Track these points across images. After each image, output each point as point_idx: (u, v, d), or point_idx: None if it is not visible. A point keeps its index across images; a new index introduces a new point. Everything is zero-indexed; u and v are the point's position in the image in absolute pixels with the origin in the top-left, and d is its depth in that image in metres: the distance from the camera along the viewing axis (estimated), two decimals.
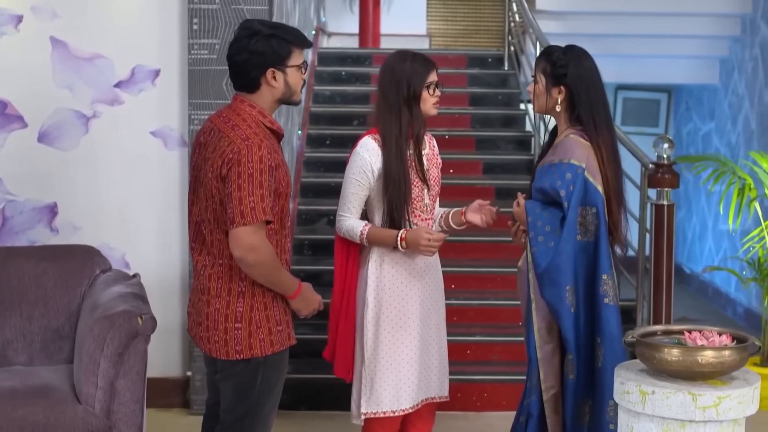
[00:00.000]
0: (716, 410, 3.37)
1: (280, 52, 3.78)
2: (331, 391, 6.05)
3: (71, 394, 4.37)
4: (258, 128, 3.76)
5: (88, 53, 5.94)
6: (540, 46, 7.78)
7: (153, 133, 6.02)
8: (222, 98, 5.82)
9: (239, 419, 3.90)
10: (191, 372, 6.00)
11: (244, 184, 3.63)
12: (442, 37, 11.66)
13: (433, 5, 11.57)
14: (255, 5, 5.82)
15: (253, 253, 3.66)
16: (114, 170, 6.00)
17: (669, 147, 6.08)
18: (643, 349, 3.52)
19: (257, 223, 3.65)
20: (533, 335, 4.02)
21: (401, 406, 4.34)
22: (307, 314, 3.95)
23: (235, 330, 3.79)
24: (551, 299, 3.94)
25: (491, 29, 11.56)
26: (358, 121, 8.62)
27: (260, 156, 3.66)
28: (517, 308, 4.42)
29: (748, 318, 8.66)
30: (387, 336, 4.33)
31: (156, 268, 5.93)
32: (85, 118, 5.96)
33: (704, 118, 10.41)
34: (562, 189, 3.95)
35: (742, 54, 9.18)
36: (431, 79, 4.25)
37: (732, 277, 9.20)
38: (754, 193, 6.68)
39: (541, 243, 3.96)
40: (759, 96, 8.70)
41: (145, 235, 6.06)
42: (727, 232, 9.45)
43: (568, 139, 4.05)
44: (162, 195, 6.05)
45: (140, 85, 5.98)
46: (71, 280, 4.94)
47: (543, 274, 3.93)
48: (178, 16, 5.96)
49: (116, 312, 4.30)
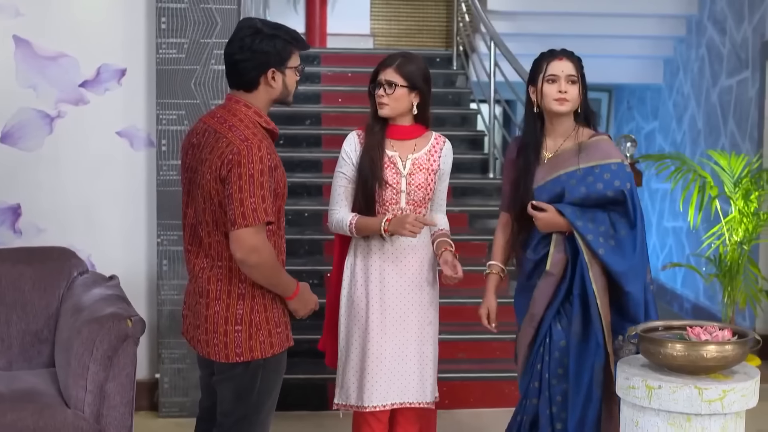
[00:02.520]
0: (721, 403, 3.44)
1: (282, 52, 3.76)
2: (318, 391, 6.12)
3: (58, 398, 4.30)
4: (255, 129, 3.73)
5: (52, 52, 5.84)
6: (495, 46, 7.85)
7: (119, 133, 5.94)
8: (191, 98, 5.77)
9: (238, 421, 3.86)
10: (159, 374, 5.94)
11: (245, 185, 3.60)
12: (385, 37, 11.68)
13: (377, 5, 11.58)
14: (224, 4, 5.77)
15: (255, 254, 3.64)
16: (79, 171, 5.92)
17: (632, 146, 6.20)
18: (647, 345, 3.58)
19: (259, 224, 3.63)
20: (601, 334, 4.05)
21: (370, 402, 4.36)
22: (304, 315, 3.93)
23: (235, 332, 3.75)
24: (637, 294, 4.04)
25: (434, 29, 11.61)
26: (310, 121, 8.61)
27: (260, 157, 3.63)
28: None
29: (696, 313, 8.81)
30: (356, 331, 4.39)
31: (122, 269, 5.85)
32: (49, 118, 5.86)
33: (647, 118, 10.57)
34: (623, 188, 4.04)
35: (688, 54, 9.34)
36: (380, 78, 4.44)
37: (678, 274, 9.35)
38: (714, 191, 6.81)
39: (604, 244, 4.03)
40: (706, 96, 8.86)
41: (111, 237, 5.98)
42: (672, 229, 9.61)
43: (601, 141, 4.13)
44: (128, 196, 5.98)
45: (106, 84, 5.90)
46: (49, 283, 4.86)
47: (628, 272, 4.02)
48: (145, 15, 5.90)
49: (105, 315, 4.25)
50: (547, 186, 4.14)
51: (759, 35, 7.80)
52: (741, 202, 6.70)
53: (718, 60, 8.63)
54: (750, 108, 7.90)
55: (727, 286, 6.71)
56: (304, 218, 7.45)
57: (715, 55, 8.69)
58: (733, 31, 8.31)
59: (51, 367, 4.76)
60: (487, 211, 7.80)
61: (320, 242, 7.23)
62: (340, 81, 9.08)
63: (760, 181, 6.77)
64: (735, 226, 6.76)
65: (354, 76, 9.10)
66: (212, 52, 5.77)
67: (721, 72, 8.54)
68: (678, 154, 7.61)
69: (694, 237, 8.85)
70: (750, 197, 6.64)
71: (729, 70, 8.39)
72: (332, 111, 8.72)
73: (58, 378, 4.52)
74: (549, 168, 4.15)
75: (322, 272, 6.98)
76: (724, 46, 8.51)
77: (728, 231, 6.83)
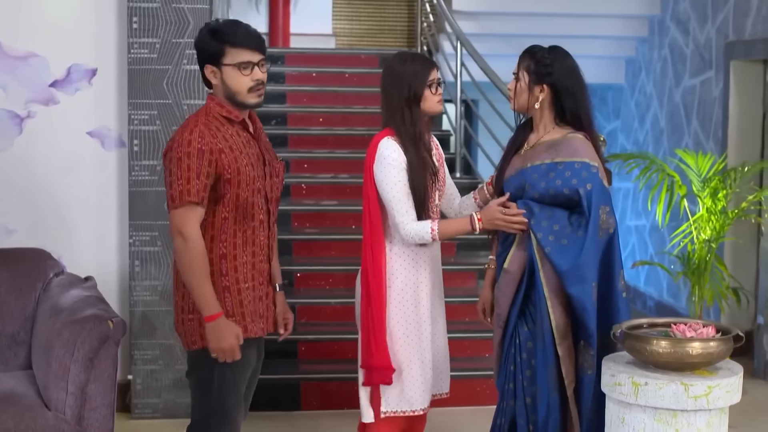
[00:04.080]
0: (707, 399, 3.48)
1: (210, 49, 3.83)
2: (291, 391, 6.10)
3: (38, 400, 4.27)
4: (205, 117, 3.82)
5: (21, 52, 5.79)
6: (461, 45, 7.88)
7: (90, 133, 5.90)
8: (163, 98, 5.74)
9: (204, 417, 3.90)
10: (132, 376, 5.90)
11: (174, 168, 3.71)
12: (347, 37, 11.67)
13: (339, 5, 11.57)
14: (196, 4, 5.74)
15: (179, 237, 3.71)
16: (50, 171, 5.87)
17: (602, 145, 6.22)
18: (632, 342, 3.61)
19: (186, 205, 3.69)
20: (549, 334, 4.03)
21: (422, 405, 4.34)
22: (217, 350, 3.75)
23: (189, 321, 3.85)
24: (580, 296, 3.94)
25: (396, 29, 11.62)
26: (275, 121, 8.60)
27: (189, 140, 3.72)
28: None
29: (659, 311, 8.90)
30: (403, 336, 4.31)
31: (94, 270, 5.79)
32: (19, 118, 5.81)
33: (609, 117, 10.65)
34: (580, 188, 3.97)
35: (650, 54, 9.42)
36: (432, 78, 4.27)
37: (641, 272, 9.44)
38: (683, 190, 6.87)
39: (553, 242, 3.98)
40: (669, 95, 8.94)
41: (82, 238, 5.93)
42: (635, 227, 9.70)
43: (572, 139, 4.09)
44: (99, 196, 5.94)
45: (76, 84, 5.86)
46: (24, 284, 4.82)
47: (569, 272, 3.94)
48: (116, 15, 5.86)
49: (85, 316, 4.22)
50: (514, 178, 4.16)
51: (723, 36, 7.88)
52: (709, 200, 6.77)
53: (681, 60, 8.72)
54: (714, 108, 7.99)
55: (695, 283, 6.78)
56: None
57: (678, 55, 8.78)
58: (697, 32, 8.40)
59: (27, 369, 4.71)
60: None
61: (289, 242, 7.21)
62: (305, 81, 9.07)
63: (728, 180, 6.85)
64: (703, 224, 6.83)
65: (319, 76, 9.10)
66: (184, 51, 5.75)
67: (684, 72, 8.63)
68: (645, 154, 7.67)
69: (657, 235, 8.93)
70: (718, 195, 6.72)
71: (692, 70, 8.48)
72: (298, 111, 8.72)
73: (36, 380, 4.48)
74: (521, 160, 4.18)
75: (292, 272, 6.97)
76: (687, 46, 8.59)
77: (696, 229, 6.90)
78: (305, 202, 7.75)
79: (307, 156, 8.18)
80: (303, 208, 7.59)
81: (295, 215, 7.52)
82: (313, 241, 7.36)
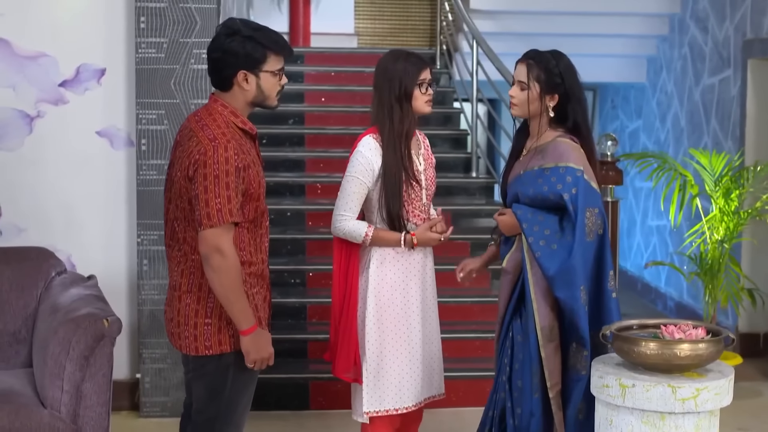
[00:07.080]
0: (695, 402, 3.45)
1: (253, 54, 3.74)
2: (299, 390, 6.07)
3: (35, 398, 4.29)
4: (227, 128, 3.73)
5: (31, 52, 5.83)
6: (477, 45, 7.85)
7: (99, 132, 5.93)
8: (170, 97, 5.77)
9: (210, 420, 3.87)
10: (140, 374, 5.93)
11: (210, 185, 3.62)
12: (370, 36, 11.64)
13: (361, 4, 11.54)
14: (203, 4, 5.76)
15: (217, 255, 3.64)
16: (59, 171, 5.91)
17: (613, 144, 6.20)
18: (621, 343, 3.58)
19: (224, 225, 3.64)
20: (534, 335, 4.03)
21: (404, 404, 4.37)
22: (255, 360, 3.77)
23: (204, 325, 3.77)
24: (568, 300, 3.95)
25: (418, 28, 11.58)
26: (293, 120, 8.60)
27: (226, 157, 3.64)
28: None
29: (679, 312, 8.83)
30: (390, 334, 4.34)
31: (103, 269, 5.84)
32: (29, 117, 5.85)
33: (631, 116, 10.58)
34: (564, 192, 3.98)
35: (671, 53, 9.35)
36: (423, 77, 4.27)
37: (662, 272, 9.37)
38: (695, 190, 6.81)
39: (543, 247, 3.99)
40: (689, 94, 8.87)
41: (91, 237, 5.97)
42: (656, 227, 9.63)
43: (559, 143, 4.08)
44: (108, 195, 5.97)
45: (85, 84, 5.90)
46: (26, 283, 4.85)
47: (556, 276, 3.95)
48: (125, 15, 5.89)
49: (81, 314, 4.24)
50: (513, 183, 4.19)
51: (741, 34, 7.81)
52: (722, 200, 6.71)
53: (700, 58, 8.64)
54: (732, 106, 7.92)
55: (708, 284, 6.72)
56: (287, 218, 7.43)
57: (698, 54, 8.71)
58: (716, 30, 8.33)
59: (29, 367, 4.74)
60: (470, 210, 7.82)
61: (302, 242, 7.22)
62: (323, 80, 9.07)
63: (741, 179, 6.78)
64: (716, 224, 6.77)
65: (337, 76, 9.10)
66: (192, 51, 5.77)
67: (704, 71, 8.56)
68: (660, 153, 7.62)
69: (677, 235, 8.86)
70: (731, 195, 6.65)
71: (711, 69, 8.41)
72: (316, 110, 8.72)
73: (35, 378, 4.50)
74: (519, 166, 4.21)
75: (305, 272, 6.98)
76: (706, 44, 8.52)
77: (709, 229, 6.84)
78: (320, 201, 7.74)
79: (323, 155, 8.18)
80: (317, 207, 7.58)
81: (310, 214, 7.51)
82: (327, 241, 7.34)
